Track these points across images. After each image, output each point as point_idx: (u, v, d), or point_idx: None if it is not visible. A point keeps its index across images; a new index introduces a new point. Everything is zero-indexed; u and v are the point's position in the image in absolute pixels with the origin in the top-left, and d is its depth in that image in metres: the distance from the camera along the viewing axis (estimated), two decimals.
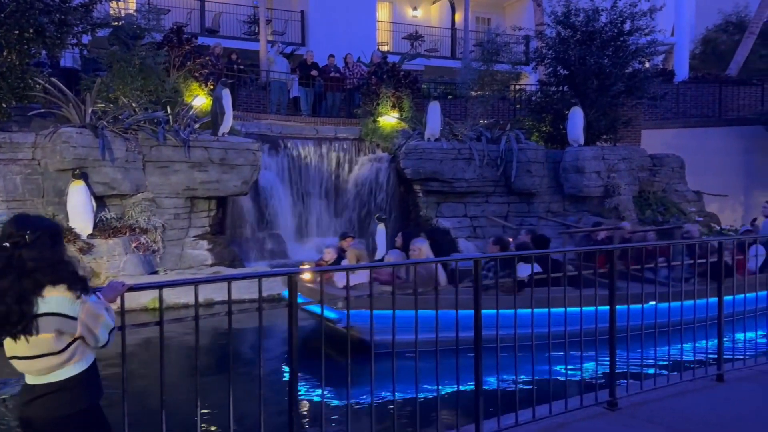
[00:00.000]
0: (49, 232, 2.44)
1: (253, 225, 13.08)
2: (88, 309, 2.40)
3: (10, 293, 2.30)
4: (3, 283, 2.30)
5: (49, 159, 9.76)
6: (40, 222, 2.46)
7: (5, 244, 2.34)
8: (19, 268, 2.32)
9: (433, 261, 7.33)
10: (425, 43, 23.20)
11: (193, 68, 12.71)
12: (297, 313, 3.17)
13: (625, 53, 14.79)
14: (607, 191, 14.07)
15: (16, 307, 2.30)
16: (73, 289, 2.38)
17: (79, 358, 2.44)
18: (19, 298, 2.31)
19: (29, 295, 2.32)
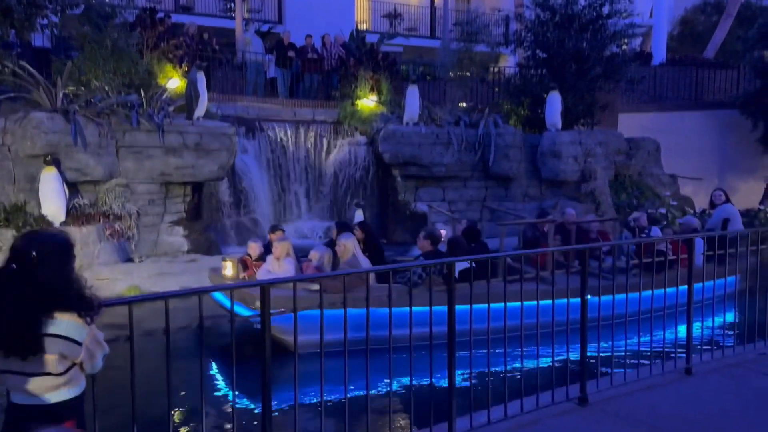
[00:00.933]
0: (57, 251, 2.40)
1: (230, 210, 12.99)
2: (94, 335, 2.42)
3: (19, 315, 2.28)
4: (9, 306, 2.28)
5: (19, 145, 9.56)
6: (47, 240, 2.42)
7: (12, 265, 2.30)
8: (27, 290, 2.30)
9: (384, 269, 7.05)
10: (404, 22, 22.97)
11: (167, 50, 12.46)
12: (270, 323, 3.16)
13: (604, 36, 14.81)
14: (583, 176, 14.18)
15: (25, 329, 2.29)
16: (83, 315, 2.37)
17: (76, 383, 2.45)
18: (28, 320, 2.29)
19: (38, 317, 2.30)
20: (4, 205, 9.38)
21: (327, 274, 6.65)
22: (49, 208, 9.49)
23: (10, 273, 2.33)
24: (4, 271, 2.34)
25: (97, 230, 9.70)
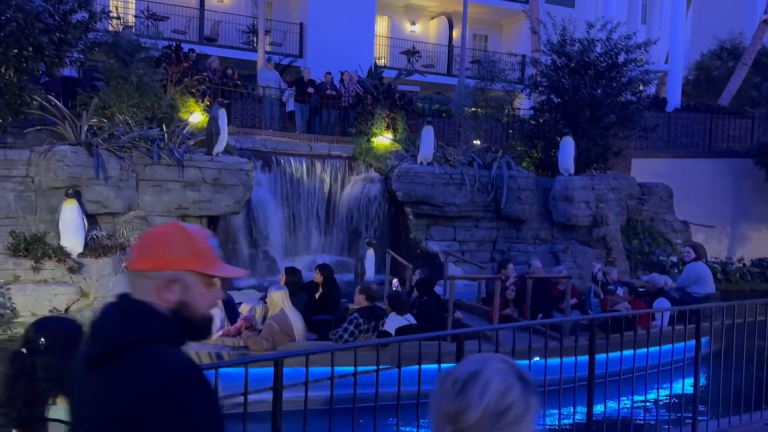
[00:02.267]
0: (63, 339, 2.52)
1: (244, 242, 13.17)
2: None
3: (21, 399, 2.39)
4: (16, 389, 2.40)
5: (42, 177, 9.81)
6: (58, 327, 2.55)
7: (23, 350, 2.44)
8: (31, 374, 2.42)
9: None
10: (422, 59, 23.35)
11: (190, 84, 12.78)
12: (282, 396, 3.28)
13: (619, 84, 14.99)
14: (595, 220, 14.25)
15: (26, 412, 2.39)
16: None
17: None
18: (30, 403, 2.40)
19: (41, 400, 2.42)
20: (25, 236, 9.60)
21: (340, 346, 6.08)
22: (68, 240, 9.70)
23: (21, 357, 2.46)
24: (17, 355, 2.47)
25: (114, 262, 9.88)
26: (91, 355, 1.50)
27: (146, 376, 1.42)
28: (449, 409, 1.22)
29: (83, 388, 1.53)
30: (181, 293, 1.53)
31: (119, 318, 1.51)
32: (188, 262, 1.54)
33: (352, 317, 6.62)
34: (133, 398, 1.40)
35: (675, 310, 7.67)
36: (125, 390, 1.42)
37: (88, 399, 1.51)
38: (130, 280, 1.57)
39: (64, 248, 9.63)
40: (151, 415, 1.39)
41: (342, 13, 20.47)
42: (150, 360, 1.45)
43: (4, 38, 9.32)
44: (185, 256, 1.54)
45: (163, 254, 1.53)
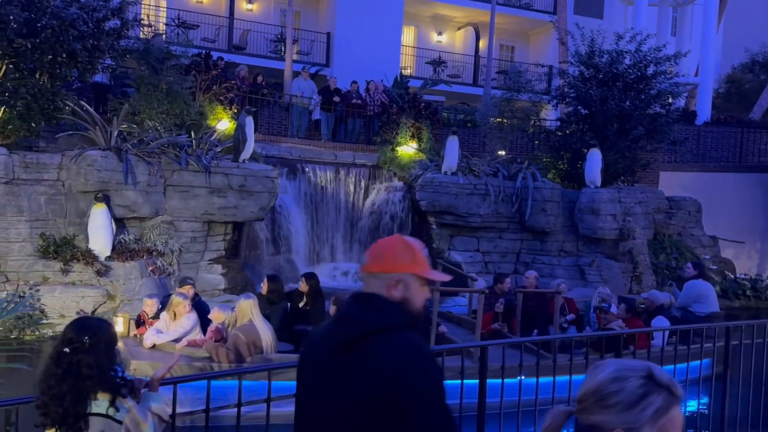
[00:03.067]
0: (105, 338, 2.62)
1: (268, 249, 13.26)
2: (133, 416, 2.57)
3: (68, 396, 2.49)
4: (63, 387, 2.49)
5: (73, 181, 10.01)
6: (98, 327, 2.64)
7: (65, 349, 2.51)
8: (77, 373, 2.49)
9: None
10: (448, 69, 23.35)
11: (219, 92, 12.95)
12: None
13: (647, 96, 14.81)
14: (622, 234, 14.06)
15: (72, 409, 2.48)
16: (119, 395, 2.56)
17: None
18: (75, 400, 2.49)
19: (84, 397, 2.50)
20: (54, 238, 9.79)
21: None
22: (97, 243, 9.86)
23: (65, 356, 2.53)
24: (62, 355, 2.54)
25: (140, 266, 10.02)
26: (346, 337, 1.84)
27: (401, 356, 1.76)
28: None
29: (329, 368, 1.86)
30: (404, 291, 1.90)
31: (368, 308, 1.86)
32: (410, 267, 1.91)
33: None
34: (391, 373, 1.73)
35: (670, 329, 7.48)
36: (383, 366, 1.74)
37: (337, 377, 1.85)
38: (364, 279, 1.95)
39: (93, 251, 9.80)
40: (407, 387, 1.71)
41: (369, 22, 20.60)
42: (402, 342, 1.79)
43: (39, 44, 9.54)
44: (408, 262, 1.91)
45: (391, 260, 1.91)
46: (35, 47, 9.57)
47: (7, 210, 9.54)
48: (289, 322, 7.57)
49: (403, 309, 1.89)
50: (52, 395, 2.50)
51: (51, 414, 2.50)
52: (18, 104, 9.61)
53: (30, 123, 9.94)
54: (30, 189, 9.78)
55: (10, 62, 9.66)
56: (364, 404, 1.76)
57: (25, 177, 9.76)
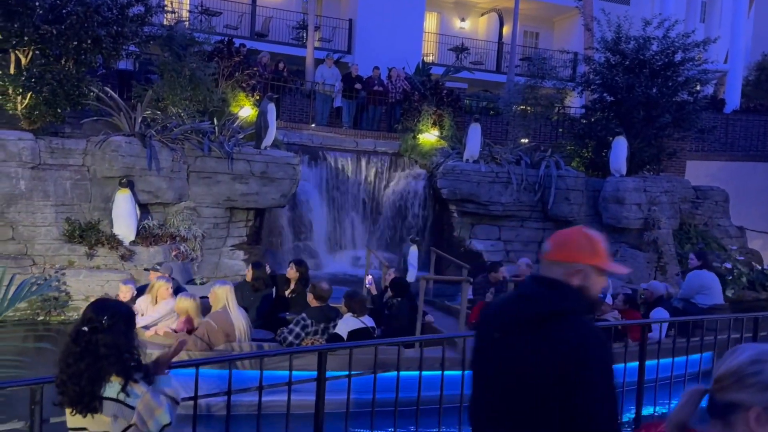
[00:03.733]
0: (124, 318, 2.63)
1: (289, 236, 13.32)
2: (147, 402, 2.54)
3: (86, 375, 2.49)
4: (80, 366, 2.49)
5: (98, 166, 10.11)
6: (116, 308, 2.65)
7: (84, 328, 2.52)
8: (95, 352, 2.50)
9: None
10: (471, 56, 23.12)
11: (241, 78, 12.97)
12: (325, 387, 3.28)
13: (675, 83, 14.52)
14: (647, 224, 13.85)
15: (89, 388, 2.49)
16: (131, 379, 2.54)
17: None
18: (92, 380, 2.49)
19: (101, 377, 2.50)
20: (80, 223, 9.91)
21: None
22: (121, 228, 9.97)
23: (84, 335, 2.54)
24: (81, 334, 2.54)
25: (164, 251, 10.12)
26: (531, 315, 2.04)
27: (582, 338, 1.96)
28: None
29: (511, 343, 2.07)
30: (583, 279, 2.06)
31: (552, 292, 2.05)
32: (590, 259, 2.06)
33: (299, 318, 6.13)
34: (571, 353, 1.93)
35: (667, 321, 7.14)
36: (565, 346, 1.95)
37: (519, 351, 2.04)
38: (546, 266, 2.11)
39: (117, 236, 9.92)
40: (585, 367, 1.91)
41: (391, 9, 20.43)
42: (582, 326, 2.01)
43: (64, 31, 9.61)
44: (589, 253, 2.07)
45: (573, 251, 2.07)
46: (60, 33, 9.64)
47: (33, 195, 9.68)
48: (273, 309, 7.33)
49: (582, 296, 2.06)
50: (69, 374, 2.50)
51: (68, 392, 2.51)
52: (44, 90, 9.71)
53: (56, 109, 10.04)
54: (56, 174, 9.90)
55: (36, 48, 9.75)
56: (544, 378, 1.97)
57: (51, 162, 9.88)
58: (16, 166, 9.52)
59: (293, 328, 6.04)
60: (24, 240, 9.66)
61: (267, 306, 7.29)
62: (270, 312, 7.25)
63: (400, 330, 6.67)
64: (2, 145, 9.43)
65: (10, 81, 9.60)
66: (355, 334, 5.86)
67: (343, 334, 5.88)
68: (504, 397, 2.08)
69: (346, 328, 5.94)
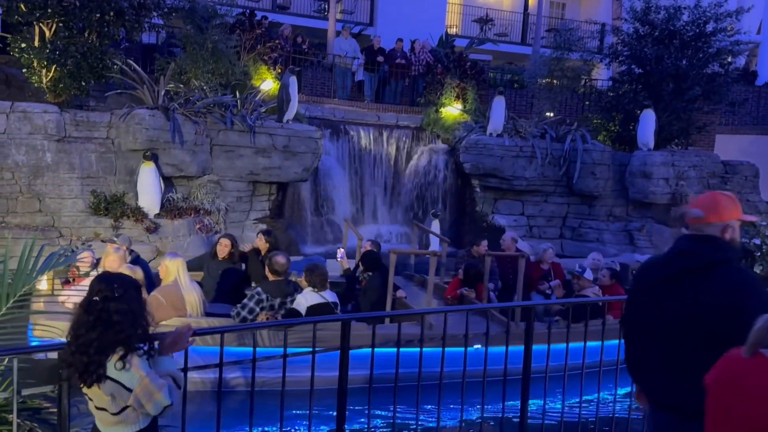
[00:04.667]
0: (134, 286, 2.63)
1: (311, 210, 13.33)
2: (145, 385, 2.50)
3: (95, 344, 2.48)
4: (91, 335, 2.48)
5: (122, 139, 10.16)
6: (123, 278, 2.65)
7: (95, 298, 2.52)
8: (108, 320, 2.49)
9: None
10: (495, 27, 22.70)
11: (263, 51, 12.89)
12: (348, 357, 3.27)
13: (706, 54, 14.13)
14: (674, 199, 13.60)
15: (96, 358, 2.48)
16: (131, 351, 2.51)
17: (133, 421, 2.58)
18: (100, 349, 2.49)
19: (108, 347, 2.50)
20: (105, 195, 10.01)
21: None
22: (146, 201, 10.05)
23: (95, 305, 2.52)
24: (92, 303, 2.52)
25: (188, 224, 10.19)
26: (693, 267, 2.45)
27: (741, 283, 2.38)
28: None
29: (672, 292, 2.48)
30: (732, 233, 2.50)
31: (709, 245, 2.46)
32: (735, 214, 2.53)
33: (254, 292, 5.82)
34: (733, 296, 2.32)
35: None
36: (727, 291, 2.34)
37: (681, 299, 2.44)
38: (697, 228, 2.52)
39: (142, 209, 9.99)
40: (746, 308, 2.25)
41: None
42: (740, 272, 2.45)
43: (87, 3, 9.60)
44: (733, 210, 2.53)
45: (725, 211, 2.51)
46: (83, 5, 9.63)
47: (59, 167, 9.78)
48: (240, 284, 7.08)
49: (734, 247, 2.47)
50: (78, 344, 2.49)
51: (76, 363, 2.49)
52: (68, 63, 9.73)
53: (80, 82, 10.07)
54: (81, 147, 9.97)
55: (60, 21, 9.75)
56: (707, 320, 2.33)
57: (77, 135, 9.95)
58: (42, 139, 9.61)
59: (247, 303, 5.76)
60: (51, 212, 9.79)
61: (230, 280, 6.97)
62: (235, 286, 6.95)
63: (370, 305, 6.43)
64: (28, 118, 9.51)
65: (34, 54, 9.63)
66: (314, 309, 5.59)
67: (302, 310, 5.63)
68: (667, 343, 2.44)
69: (305, 303, 5.67)
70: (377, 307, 6.38)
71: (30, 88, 10.24)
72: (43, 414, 3.09)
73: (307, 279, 5.84)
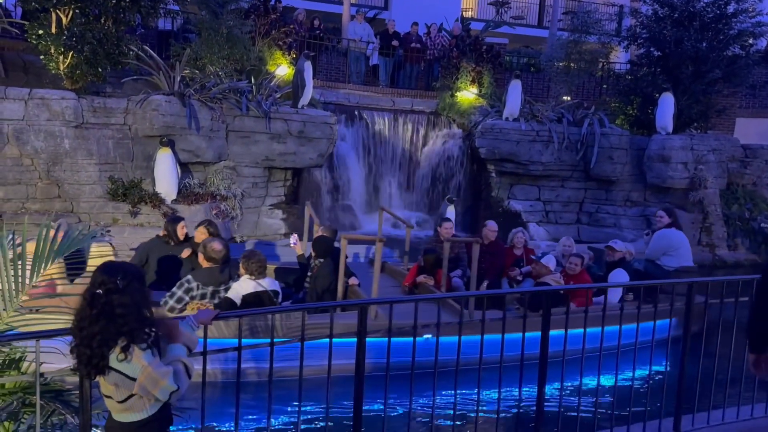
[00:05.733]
0: (137, 277, 2.61)
1: (326, 195, 13.35)
2: (149, 374, 2.51)
3: (98, 338, 2.48)
4: (94, 328, 2.48)
5: (139, 125, 10.22)
6: (127, 268, 2.62)
7: (98, 291, 2.52)
8: (110, 313, 2.49)
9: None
10: (511, 10, 22.45)
11: (277, 37, 12.86)
12: (365, 342, 3.29)
13: (726, 36, 13.87)
14: (692, 183, 13.44)
15: (99, 351, 2.49)
16: (134, 342, 2.51)
17: (140, 408, 2.59)
18: (103, 341, 2.49)
19: (112, 341, 2.50)
20: (123, 181, 10.09)
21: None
22: (163, 187, 10.12)
23: (98, 297, 2.51)
24: (96, 296, 2.51)
25: (205, 209, 10.25)
26: None
27: None
28: None
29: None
30: None
31: None
32: None
33: (183, 280, 5.67)
34: None
35: (610, 286, 6.59)
36: None
37: None
38: None
39: (159, 194, 10.07)
40: None
41: None
42: None
43: None
44: None
45: None
46: None
47: (77, 153, 9.86)
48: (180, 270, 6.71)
49: None
50: (82, 337, 2.50)
51: (80, 355, 2.51)
52: (85, 49, 9.77)
53: (96, 68, 10.12)
54: (98, 133, 10.05)
55: (76, 7, 9.79)
56: None
57: (94, 121, 10.02)
58: (60, 125, 9.69)
59: (175, 291, 5.61)
60: (70, 198, 9.90)
61: (166, 266, 6.75)
62: (174, 273, 6.67)
63: (320, 294, 6.23)
64: (46, 104, 9.59)
65: (52, 41, 9.68)
66: (250, 297, 5.39)
67: (236, 299, 5.45)
68: None
69: (240, 291, 5.47)
70: (327, 295, 6.19)
71: (47, 74, 10.32)
72: (65, 396, 3.14)
73: (244, 266, 5.63)
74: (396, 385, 3.81)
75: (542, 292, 4.56)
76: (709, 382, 4.43)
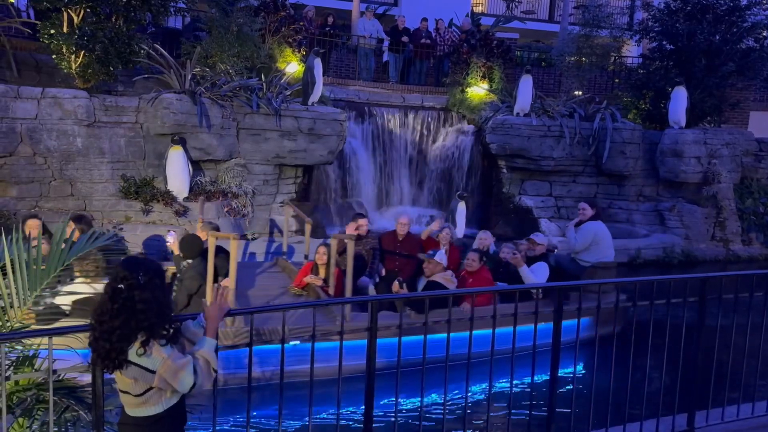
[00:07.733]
0: (158, 273, 2.63)
1: (337, 192, 13.36)
2: (168, 366, 2.53)
3: (118, 332, 2.50)
4: (114, 323, 2.50)
5: (150, 123, 10.27)
6: (149, 264, 2.64)
7: (120, 286, 2.53)
8: (131, 308, 2.51)
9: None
10: (522, 5, 22.31)
11: (287, 34, 12.87)
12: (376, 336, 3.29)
13: (739, 29, 13.71)
14: (706, 178, 13.32)
15: (118, 345, 2.51)
16: (153, 337, 2.53)
17: (156, 402, 2.62)
18: (123, 336, 2.51)
19: (132, 336, 2.52)
20: (135, 179, 10.16)
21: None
22: (174, 185, 10.17)
23: (120, 292, 2.53)
24: (117, 291, 2.53)
25: (216, 207, 10.29)
26: None
27: None
28: None
29: None
30: None
31: None
32: None
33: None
34: None
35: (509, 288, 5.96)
36: None
37: None
38: None
39: (171, 192, 10.12)
40: None
41: None
42: None
43: None
44: None
45: None
46: None
47: (90, 152, 9.93)
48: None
49: None
50: (101, 331, 2.51)
51: (99, 349, 2.53)
52: (96, 48, 9.83)
53: (108, 67, 10.18)
54: (110, 131, 10.11)
55: (88, 6, 9.85)
56: None
57: (106, 120, 10.09)
58: (72, 124, 9.76)
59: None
60: (82, 196, 9.97)
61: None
62: None
63: (187, 297, 5.91)
64: (58, 103, 9.66)
65: (63, 40, 9.75)
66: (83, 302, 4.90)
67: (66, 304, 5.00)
68: None
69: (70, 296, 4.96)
70: (196, 298, 5.96)
71: (59, 74, 10.39)
72: (78, 392, 3.16)
73: (77, 268, 5.16)
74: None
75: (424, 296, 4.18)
76: (723, 378, 4.39)
